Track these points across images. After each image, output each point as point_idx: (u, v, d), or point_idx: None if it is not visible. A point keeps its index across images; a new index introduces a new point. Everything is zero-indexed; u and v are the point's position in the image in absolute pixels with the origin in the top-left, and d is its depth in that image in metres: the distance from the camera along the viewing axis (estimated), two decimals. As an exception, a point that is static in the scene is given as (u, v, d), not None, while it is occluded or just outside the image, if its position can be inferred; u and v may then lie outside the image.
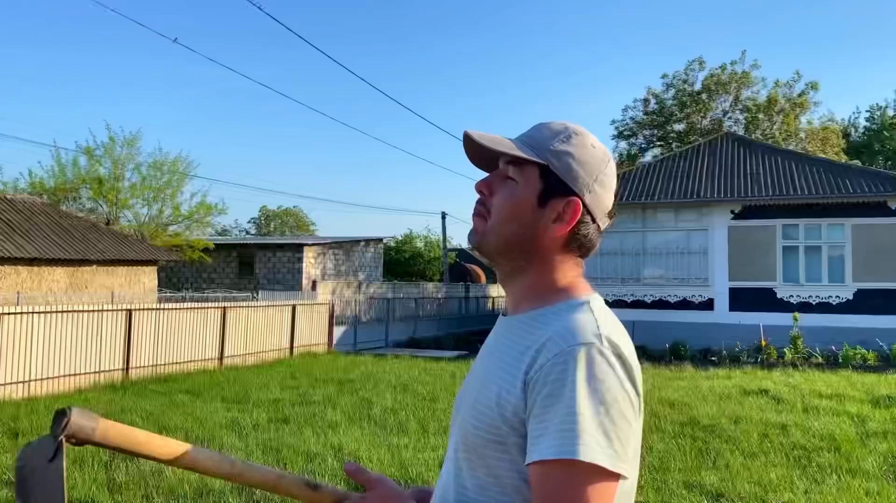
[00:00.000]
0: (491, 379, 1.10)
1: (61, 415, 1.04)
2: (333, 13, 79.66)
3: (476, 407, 1.10)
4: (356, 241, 28.48)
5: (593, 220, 1.17)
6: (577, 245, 1.17)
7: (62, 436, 1.03)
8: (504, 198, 1.16)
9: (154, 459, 1.13)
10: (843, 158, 31.84)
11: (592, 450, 0.96)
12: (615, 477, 0.97)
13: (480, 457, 1.08)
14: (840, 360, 14.50)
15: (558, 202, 1.14)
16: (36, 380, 10.40)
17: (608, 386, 1.00)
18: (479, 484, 1.09)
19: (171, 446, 1.15)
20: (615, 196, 1.21)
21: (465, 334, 22.12)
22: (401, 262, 37.08)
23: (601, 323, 1.07)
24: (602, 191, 1.17)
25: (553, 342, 1.04)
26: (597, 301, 1.14)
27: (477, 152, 1.21)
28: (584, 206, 1.15)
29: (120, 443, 1.10)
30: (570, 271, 1.17)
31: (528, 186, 1.15)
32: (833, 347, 15.23)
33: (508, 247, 1.16)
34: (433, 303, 26.50)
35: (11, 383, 10.05)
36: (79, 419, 1.05)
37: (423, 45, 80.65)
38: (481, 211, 1.19)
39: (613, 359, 1.03)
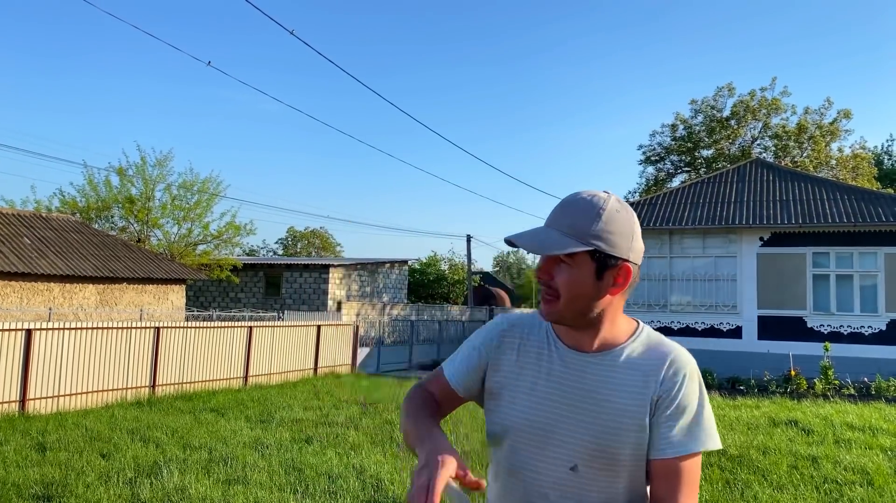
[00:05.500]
0: (612, 406, 1.35)
1: None
2: (361, 38, 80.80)
3: (603, 428, 1.35)
4: (381, 263, 28.60)
5: (636, 264, 1.39)
6: (630, 287, 1.40)
7: None
8: (566, 281, 1.34)
9: None
10: (876, 186, 31.34)
11: (717, 439, 1.36)
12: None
13: (603, 474, 1.35)
14: (873, 392, 14.17)
15: (612, 272, 1.34)
16: (65, 395, 10.56)
17: (704, 390, 1.39)
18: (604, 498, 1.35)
19: None
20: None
21: (488, 358, 21.97)
22: (425, 285, 37.09)
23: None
24: (638, 242, 1.38)
25: (675, 363, 1.37)
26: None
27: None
28: (630, 262, 1.36)
29: None
30: (621, 309, 1.43)
31: (583, 269, 1.33)
32: (865, 378, 14.88)
33: (582, 315, 1.37)
34: (457, 326, 26.44)
35: (41, 398, 10.22)
36: None
37: (459, 78, 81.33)
38: (549, 294, 1.36)
39: None
